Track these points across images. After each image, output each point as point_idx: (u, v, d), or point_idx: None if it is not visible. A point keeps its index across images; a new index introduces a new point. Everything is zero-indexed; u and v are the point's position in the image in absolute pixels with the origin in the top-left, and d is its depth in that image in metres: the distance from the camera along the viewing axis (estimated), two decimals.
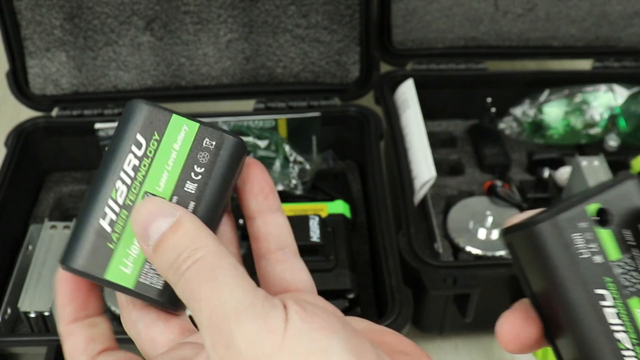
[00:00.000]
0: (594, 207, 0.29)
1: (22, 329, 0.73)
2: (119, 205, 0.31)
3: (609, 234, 0.29)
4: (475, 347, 0.78)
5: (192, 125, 0.32)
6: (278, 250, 0.34)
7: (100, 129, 0.87)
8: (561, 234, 0.29)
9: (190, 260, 0.28)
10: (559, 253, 0.29)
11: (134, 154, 0.31)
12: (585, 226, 0.29)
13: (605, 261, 0.29)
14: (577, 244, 0.29)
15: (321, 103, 0.90)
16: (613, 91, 0.90)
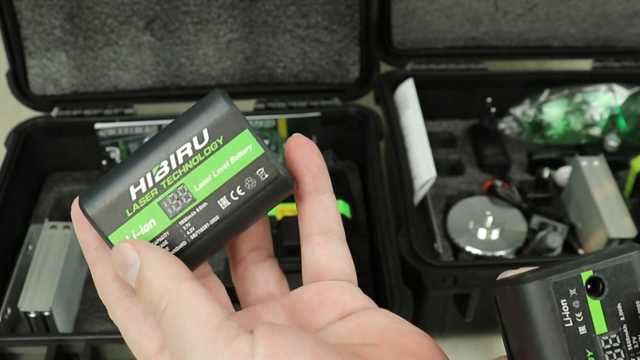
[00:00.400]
0: (588, 275, 0.28)
1: (22, 329, 0.73)
2: (154, 182, 0.31)
3: (599, 305, 0.28)
4: (475, 347, 0.77)
5: (256, 149, 0.31)
6: (320, 234, 0.34)
7: (100, 129, 0.87)
8: (549, 297, 0.27)
9: (159, 311, 0.29)
10: (543, 316, 0.27)
11: (192, 145, 0.31)
12: (576, 293, 0.27)
13: (590, 333, 0.27)
14: (564, 311, 0.27)
15: (321, 103, 0.90)
16: (613, 91, 0.90)
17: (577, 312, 0.27)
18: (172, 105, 0.93)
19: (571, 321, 0.27)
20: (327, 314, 0.33)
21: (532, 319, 0.28)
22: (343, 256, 0.34)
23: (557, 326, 0.27)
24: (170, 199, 0.31)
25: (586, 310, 0.27)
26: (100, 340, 0.65)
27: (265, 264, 0.36)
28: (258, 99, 0.91)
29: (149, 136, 0.88)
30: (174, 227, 0.31)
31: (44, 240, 0.76)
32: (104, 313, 0.76)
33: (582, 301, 0.27)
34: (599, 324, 0.28)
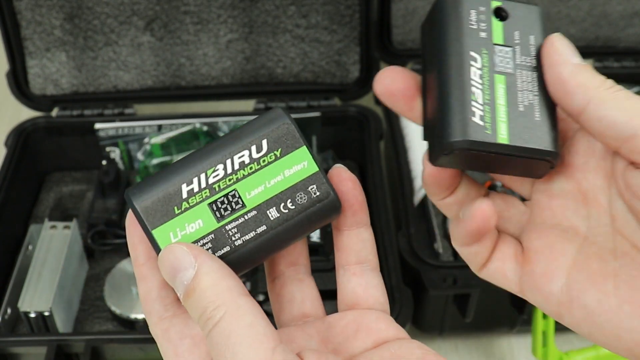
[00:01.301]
0: (496, 4, 0.33)
1: (22, 329, 0.73)
2: (207, 183, 0.31)
3: (500, 26, 0.33)
4: (475, 347, 0.77)
5: (311, 166, 0.32)
6: (357, 264, 0.35)
7: (100, 129, 0.87)
8: (461, 4, 0.32)
9: (212, 322, 0.29)
10: (452, 17, 0.32)
11: (249, 153, 0.32)
12: (483, 9, 0.33)
13: (489, 39, 0.32)
14: (471, 17, 0.32)
15: (321, 103, 0.90)
16: None
17: (481, 22, 0.33)
18: (172, 105, 0.93)
19: (475, 25, 0.32)
20: (362, 341, 0.34)
21: (444, 17, 0.33)
22: (378, 286, 0.35)
23: (462, 24, 0.32)
24: (221, 202, 0.31)
25: (489, 24, 0.33)
26: (100, 340, 0.65)
27: (303, 283, 0.36)
28: (258, 99, 0.91)
29: (148, 136, 0.88)
30: (220, 230, 0.31)
31: (44, 240, 0.76)
32: (104, 313, 0.76)
33: (487, 17, 0.33)
34: (497, 36, 0.33)
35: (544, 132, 0.32)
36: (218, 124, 0.88)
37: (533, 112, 0.32)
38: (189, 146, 0.87)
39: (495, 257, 0.35)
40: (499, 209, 0.35)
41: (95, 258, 0.82)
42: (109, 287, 0.76)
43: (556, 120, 0.33)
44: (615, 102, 0.30)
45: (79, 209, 0.88)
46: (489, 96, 0.32)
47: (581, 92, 0.31)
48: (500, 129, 0.31)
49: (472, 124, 0.31)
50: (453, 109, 0.32)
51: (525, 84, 0.32)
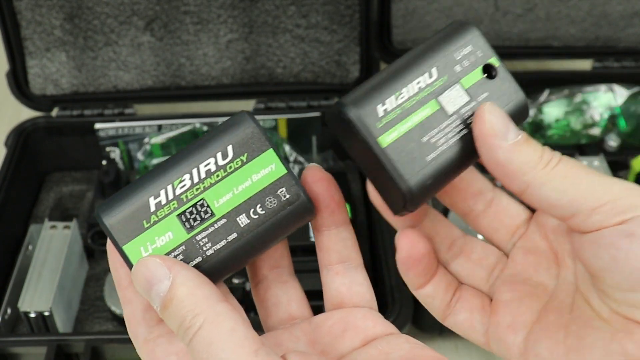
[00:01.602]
0: (493, 62, 0.34)
1: (22, 329, 0.73)
2: (174, 195, 0.31)
3: (478, 78, 0.33)
4: (475, 347, 0.77)
5: (279, 169, 0.32)
6: (339, 263, 0.35)
7: (100, 129, 0.87)
8: (467, 31, 0.33)
9: (191, 331, 0.28)
10: (452, 34, 0.33)
11: (215, 160, 0.31)
12: (480, 55, 0.33)
13: (459, 76, 0.33)
14: (465, 49, 0.33)
15: (321, 103, 0.90)
16: (613, 91, 0.90)
17: (466, 60, 0.33)
18: (172, 105, 0.93)
19: (460, 56, 0.33)
20: (350, 340, 0.34)
21: (450, 28, 0.34)
22: (362, 284, 0.35)
23: (453, 44, 0.33)
24: (189, 213, 0.31)
25: (471, 68, 0.33)
26: (100, 340, 0.65)
27: (287, 285, 0.36)
28: (258, 99, 0.91)
29: (148, 136, 0.88)
30: (191, 241, 0.31)
31: (44, 240, 0.76)
32: (104, 313, 0.76)
33: (475, 62, 0.33)
34: (467, 82, 0.33)
35: (421, 171, 0.31)
36: (218, 123, 0.88)
37: (429, 152, 0.32)
38: None
39: (462, 307, 0.36)
40: (477, 256, 0.36)
41: (95, 258, 0.82)
42: (109, 287, 0.76)
43: (442, 181, 0.33)
44: (552, 184, 0.30)
45: (79, 209, 0.88)
46: (409, 105, 0.32)
47: (519, 177, 0.31)
48: (389, 134, 0.31)
49: (371, 107, 0.31)
50: (375, 83, 0.32)
51: (448, 130, 0.32)
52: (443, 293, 0.36)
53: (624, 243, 0.29)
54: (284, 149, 0.87)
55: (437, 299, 0.36)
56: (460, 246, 0.36)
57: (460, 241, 0.36)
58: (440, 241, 0.36)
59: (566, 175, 0.31)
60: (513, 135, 0.31)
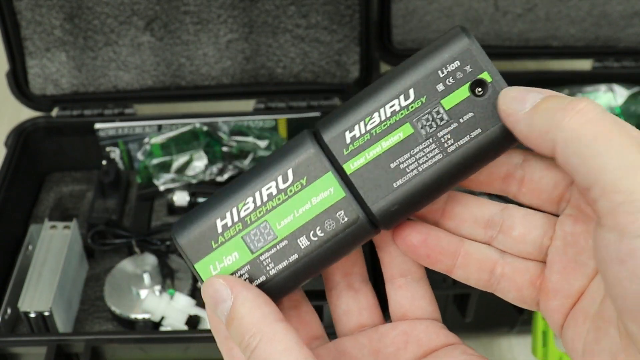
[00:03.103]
0: (484, 77, 0.32)
1: (22, 329, 0.73)
2: (239, 217, 0.32)
3: (463, 96, 0.31)
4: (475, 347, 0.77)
5: (338, 192, 0.32)
6: (401, 276, 0.36)
7: (100, 129, 0.87)
8: (458, 46, 0.32)
9: (249, 349, 0.30)
10: (438, 47, 0.32)
11: (276, 184, 0.32)
12: (467, 70, 0.32)
13: (440, 95, 0.32)
14: (450, 65, 0.32)
15: (321, 103, 0.90)
16: (613, 91, 0.90)
17: (451, 77, 0.31)
18: (172, 105, 0.93)
19: (444, 73, 0.31)
20: (412, 352, 0.35)
21: (439, 41, 0.32)
22: (424, 297, 0.36)
23: (438, 60, 0.32)
24: (253, 235, 0.32)
25: (455, 86, 0.32)
26: (100, 340, 0.65)
27: (359, 293, 0.37)
28: (258, 99, 0.91)
29: (148, 136, 0.88)
30: (255, 261, 0.32)
31: (44, 240, 0.76)
32: (104, 313, 0.76)
33: (461, 80, 0.32)
34: (449, 102, 0.31)
35: (385, 198, 0.31)
36: (218, 124, 0.88)
37: (396, 179, 0.31)
38: (189, 146, 0.87)
39: (507, 286, 0.34)
40: (519, 232, 0.34)
41: (95, 258, 0.82)
42: (109, 287, 0.76)
43: (413, 206, 0.32)
44: (576, 143, 0.27)
45: (79, 209, 0.88)
46: (379, 131, 0.31)
47: (544, 138, 0.28)
48: (355, 160, 0.32)
49: (339, 133, 0.32)
50: (347, 107, 0.32)
51: (421, 156, 0.31)
52: (477, 274, 0.34)
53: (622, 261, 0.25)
54: None
55: (472, 280, 0.35)
56: (499, 223, 0.34)
57: (497, 218, 0.34)
58: (473, 222, 0.34)
59: (596, 136, 0.26)
60: (532, 100, 0.29)
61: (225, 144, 0.87)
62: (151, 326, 0.73)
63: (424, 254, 0.34)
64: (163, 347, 0.65)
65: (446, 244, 0.34)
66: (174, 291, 0.73)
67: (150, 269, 0.77)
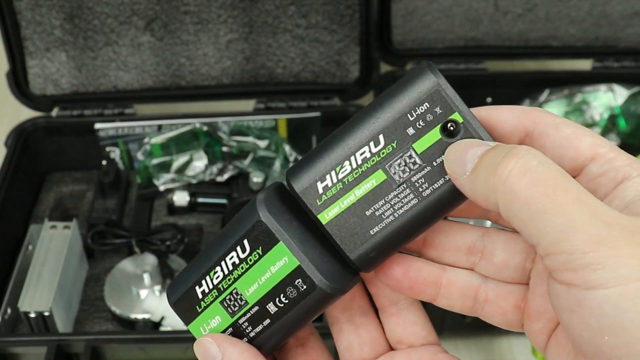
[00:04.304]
0: (455, 118, 0.31)
1: (22, 329, 0.73)
2: (213, 284, 0.33)
3: (435, 139, 0.31)
4: (475, 347, 0.77)
5: (292, 261, 0.32)
6: (391, 305, 0.36)
7: (100, 129, 0.87)
8: (428, 88, 0.31)
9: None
10: (405, 88, 0.31)
11: (237, 254, 0.33)
12: (437, 112, 0.31)
13: (411, 139, 0.31)
14: (419, 107, 0.31)
15: (321, 103, 0.90)
16: (613, 91, 0.90)
17: (421, 120, 0.31)
18: (172, 105, 0.93)
19: (413, 117, 0.30)
20: None
21: (403, 80, 0.31)
22: (416, 322, 0.36)
23: (406, 102, 0.31)
24: (229, 300, 0.33)
25: (426, 129, 0.31)
26: (100, 340, 0.65)
27: (360, 328, 0.36)
28: (258, 99, 0.91)
29: (148, 136, 0.88)
30: (235, 324, 0.33)
31: (44, 240, 0.76)
32: (104, 313, 0.76)
33: (431, 122, 0.31)
34: (421, 145, 0.30)
35: (363, 245, 0.31)
36: (218, 124, 0.88)
37: (372, 226, 0.31)
38: (188, 146, 0.87)
39: (491, 311, 0.34)
40: (500, 259, 0.34)
41: (95, 258, 0.82)
42: (109, 287, 0.76)
43: (390, 250, 0.32)
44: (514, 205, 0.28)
45: (79, 209, 0.88)
46: (351, 179, 0.31)
47: (489, 201, 0.28)
48: (329, 210, 0.31)
49: (311, 183, 0.31)
50: (318, 155, 0.31)
51: (396, 202, 0.31)
52: (460, 301, 0.34)
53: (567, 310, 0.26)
54: (284, 148, 0.87)
55: (456, 307, 0.35)
56: (480, 249, 0.34)
57: (479, 244, 0.34)
58: (455, 250, 0.34)
59: (531, 199, 0.26)
60: (471, 161, 0.29)
61: (225, 144, 0.87)
62: (151, 326, 0.73)
63: (406, 286, 0.34)
64: (163, 347, 0.65)
65: (427, 275, 0.34)
66: None
67: (150, 269, 0.77)
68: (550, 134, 0.30)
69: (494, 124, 0.32)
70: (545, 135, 0.30)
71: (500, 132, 0.31)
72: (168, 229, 0.81)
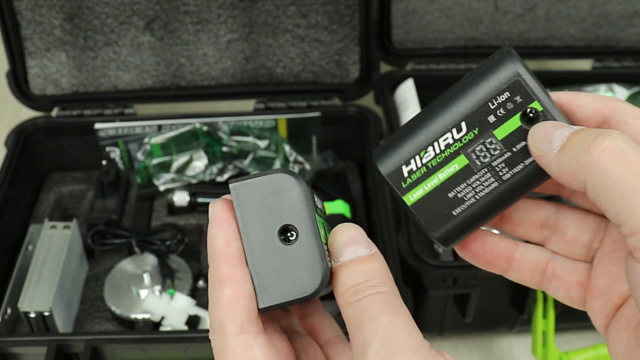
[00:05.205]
0: (535, 106, 0.31)
1: (22, 329, 0.73)
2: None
3: (515, 126, 0.31)
4: (475, 347, 0.77)
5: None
6: (337, 337, 0.36)
7: (100, 129, 0.87)
8: (508, 75, 0.31)
9: (376, 289, 0.30)
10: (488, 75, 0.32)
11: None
12: (517, 100, 0.31)
13: (492, 126, 0.32)
14: (500, 95, 0.32)
15: (321, 103, 0.90)
16: (613, 91, 0.90)
17: (502, 108, 0.31)
18: (172, 105, 0.93)
19: (495, 104, 0.32)
20: None
21: (487, 66, 0.32)
22: None
23: (488, 90, 0.32)
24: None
25: (507, 116, 0.32)
26: (100, 340, 0.65)
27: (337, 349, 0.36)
28: (258, 99, 0.91)
29: (148, 136, 0.88)
30: None
31: (44, 240, 0.76)
32: (104, 313, 0.76)
33: (511, 109, 0.32)
34: (502, 131, 0.32)
35: (446, 225, 0.33)
36: (218, 124, 0.88)
37: (455, 207, 0.32)
38: (188, 146, 0.87)
39: (558, 285, 0.35)
40: (571, 235, 0.35)
41: (95, 258, 0.82)
42: (109, 287, 0.76)
43: (471, 228, 0.33)
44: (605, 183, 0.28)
45: (79, 209, 0.88)
46: (434, 164, 0.32)
47: (576, 179, 0.29)
48: (414, 192, 0.33)
49: (397, 167, 0.33)
50: (402, 139, 0.33)
51: (477, 185, 0.32)
52: (530, 274, 0.35)
53: None
54: (284, 148, 0.87)
55: (525, 280, 0.36)
56: (553, 225, 0.35)
57: (552, 220, 0.35)
58: (530, 225, 0.35)
59: (622, 177, 0.27)
60: (559, 140, 0.30)
61: (225, 144, 0.87)
62: (151, 326, 0.73)
63: (482, 259, 0.35)
64: (163, 347, 0.65)
65: (502, 249, 0.35)
66: (174, 291, 0.73)
67: (150, 269, 0.77)
68: (629, 123, 0.31)
69: (575, 108, 0.32)
70: (624, 123, 0.31)
71: (579, 116, 0.32)
72: (168, 229, 0.81)
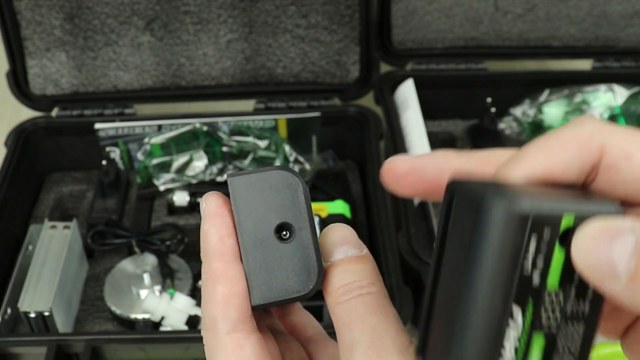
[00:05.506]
0: (569, 223, 0.23)
1: (22, 329, 0.73)
2: None
3: (562, 257, 0.23)
4: None
5: None
6: (318, 333, 0.34)
7: (100, 129, 0.87)
8: (520, 228, 0.22)
9: (365, 290, 0.29)
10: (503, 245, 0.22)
11: None
12: (548, 233, 0.23)
13: (543, 283, 0.23)
14: (529, 250, 0.23)
15: (321, 103, 0.90)
16: (613, 91, 0.90)
17: (539, 256, 0.23)
18: (172, 105, 0.93)
19: (530, 264, 0.23)
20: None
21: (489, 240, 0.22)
22: None
23: (512, 259, 0.22)
24: None
25: (548, 258, 0.23)
26: (100, 340, 0.65)
27: None
28: (258, 99, 0.91)
29: (148, 136, 0.88)
30: None
31: (44, 240, 0.76)
32: (104, 313, 0.76)
33: (549, 247, 0.23)
34: (554, 277, 0.23)
35: None
36: (218, 124, 0.88)
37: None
38: (188, 146, 0.87)
39: None
40: None
41: (95, 258, 0.82)
42: (109, 287, 0.76)
43: None
44: None
45: (79, 209, 0.88)
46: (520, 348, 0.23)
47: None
48: None
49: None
50: None
51: (566, 345, 0.24)
52: None
53: None
54: (284, 148, 0.87)
55: None
56: None
57: None
58: None
59: None
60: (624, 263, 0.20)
61: (225, 144, 0.87)
62: (151, 326, 0.73)
63: None
64: (163, 347, 0.65)
65: None
66: (174, 291, 0.73)
67: (150, 269, 0.77)
68: (621, 167, 0.24)
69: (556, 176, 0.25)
70: (615, 169, 0.24)
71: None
72: (168, 229, 0.81)
